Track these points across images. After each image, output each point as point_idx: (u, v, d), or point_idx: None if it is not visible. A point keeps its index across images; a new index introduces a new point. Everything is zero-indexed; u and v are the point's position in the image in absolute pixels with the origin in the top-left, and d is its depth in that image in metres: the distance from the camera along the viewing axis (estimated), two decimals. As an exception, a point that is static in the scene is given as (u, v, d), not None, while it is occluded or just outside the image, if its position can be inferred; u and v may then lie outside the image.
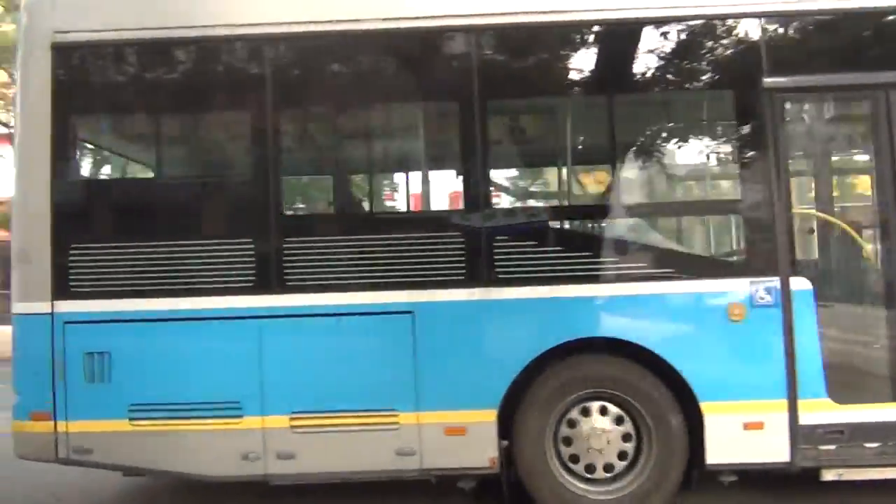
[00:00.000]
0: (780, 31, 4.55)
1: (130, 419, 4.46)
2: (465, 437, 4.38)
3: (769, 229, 4.39)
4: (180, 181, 5.32)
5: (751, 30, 4.50)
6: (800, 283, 4.34)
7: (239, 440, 4.43)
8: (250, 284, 4.50)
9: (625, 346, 4.38)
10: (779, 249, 4.37)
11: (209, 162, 5.46)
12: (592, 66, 4.75)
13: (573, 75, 4.86)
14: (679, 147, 5.57)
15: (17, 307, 4.58)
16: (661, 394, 4.39)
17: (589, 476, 4.46)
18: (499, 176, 5.88)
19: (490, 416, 4.37)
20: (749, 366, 4.38)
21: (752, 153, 4.53)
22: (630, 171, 5.02)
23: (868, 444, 4.29)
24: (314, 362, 4.47)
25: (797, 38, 4.58)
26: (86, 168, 5.47)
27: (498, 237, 4.45)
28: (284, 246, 4.50)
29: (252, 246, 4.52)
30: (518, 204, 5.87)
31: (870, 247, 4.81)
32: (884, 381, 4.41)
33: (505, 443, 4.41)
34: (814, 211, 5.30)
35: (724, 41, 4.58)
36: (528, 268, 4.42)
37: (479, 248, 4.44)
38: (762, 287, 4.34)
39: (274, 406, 4.43)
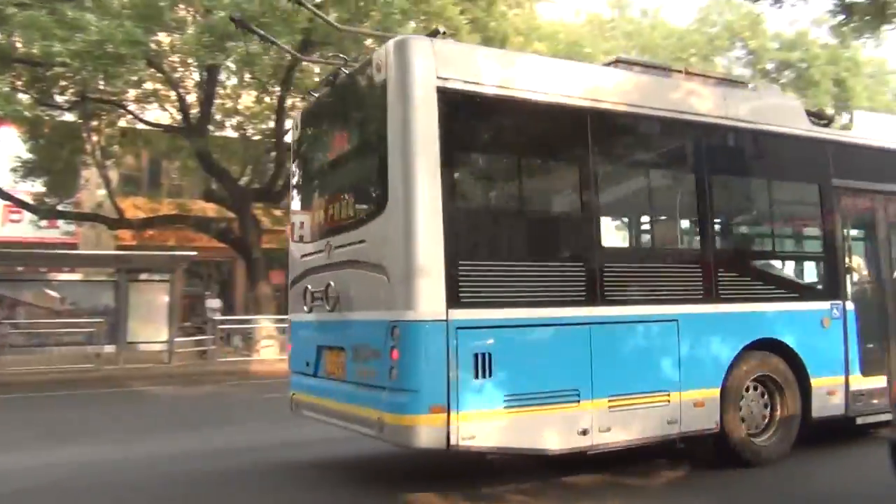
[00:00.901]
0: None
1: (506, 407, 5.43)
2: (704, 408, 6.33)
3: (837, 271, 7.28)
4: (539, 216, 6.28)
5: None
6: (850, 305, 7.26)
7: (577, 419, 5.72)
8: (582, 298, 5.86)
9: (777, 344, 6.78)
10: (840, 283, 7.26)
11: (559, 201, 6.78)
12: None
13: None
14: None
15: (414, 314, 5.21)
16: (789, 375, 6.88)
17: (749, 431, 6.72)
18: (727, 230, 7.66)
19: (716, 392, 6.40)
20: (831, 356, 7.14)
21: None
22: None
23: (873, 401, 7.34)
24: (622, 358, 5.99)
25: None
26: (469, 198, 5.99)
27: (720, 271, 6.57)
28: (604, 270, 5.98)
29: (583, 269, 5.90)
30: (733, 251, 7.37)
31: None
32: (881, 363, 7.52)
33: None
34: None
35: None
36: (738, 291, 6.62)
37: (711, 277, 6.50)
38: (835, 307, 7.17)
39: (599, 392, 5.82)
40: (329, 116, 7.02)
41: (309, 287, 6.48)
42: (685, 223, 7.17)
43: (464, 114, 5.67)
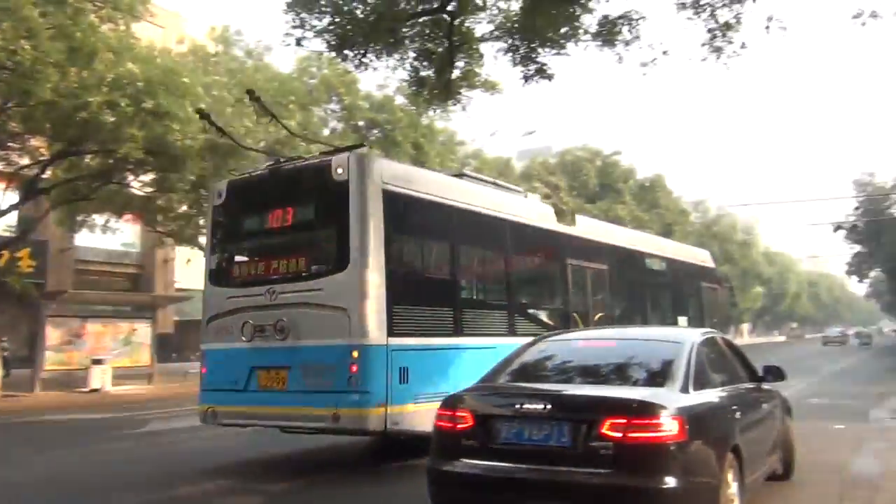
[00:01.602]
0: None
1: (416, 403, 8.18)
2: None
3: (568, 315, 11.34)
4: (436, 278, 9.33)
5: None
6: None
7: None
8: (452, 331, 8.93)
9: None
10: (571, 323, 11.29)
11: (443, 269, 9.57)
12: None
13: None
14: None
15: (369, 341, 7.80)
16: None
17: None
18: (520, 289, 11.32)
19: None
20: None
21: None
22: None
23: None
24: (475, 368, 9.10)
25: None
26: (400, 264, 8.70)
27: (517, 317, 10.17)
28: (463, 314, 9.14)
29: (454, 313, 9.05)
30: (521, 303, 11.17)
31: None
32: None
33: None
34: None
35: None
36: (528, 328, 10.16)
37: (512, 320, 10.01)
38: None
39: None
40: (269, 193, 8.97)
41: (250, 321, 8.53)
42: (504, 285, 10.66)
43: (398, 208, 8.54)
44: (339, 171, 8.23)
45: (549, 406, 5.17)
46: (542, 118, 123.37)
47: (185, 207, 23.50)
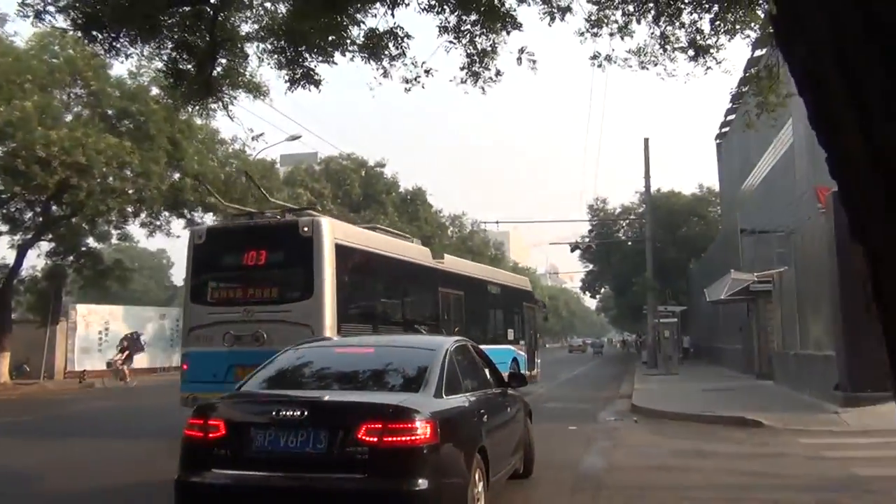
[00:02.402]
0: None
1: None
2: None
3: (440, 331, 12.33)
4: (368, 304, 13.46)
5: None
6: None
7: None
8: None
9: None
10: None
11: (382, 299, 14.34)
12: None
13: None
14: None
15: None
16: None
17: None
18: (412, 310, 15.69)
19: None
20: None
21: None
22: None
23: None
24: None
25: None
26: (345, 295, 11.94)
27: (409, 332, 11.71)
28: (378, 328, 10.98)
29: (376, 330, 11.76)
30: (415, 321, 15.13)
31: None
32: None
33: None
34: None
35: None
36: None
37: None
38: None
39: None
40: (245, 239, 12.23)
41: (231, 332, 11.43)
42: (401, 307, 14.95)
43: (343, 255, 11.90)
44: (306, 229, 11.60)
45: (305, 413, 5.11)
46: (311, 124, 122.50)
47: None
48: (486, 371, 7.49)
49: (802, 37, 0.90)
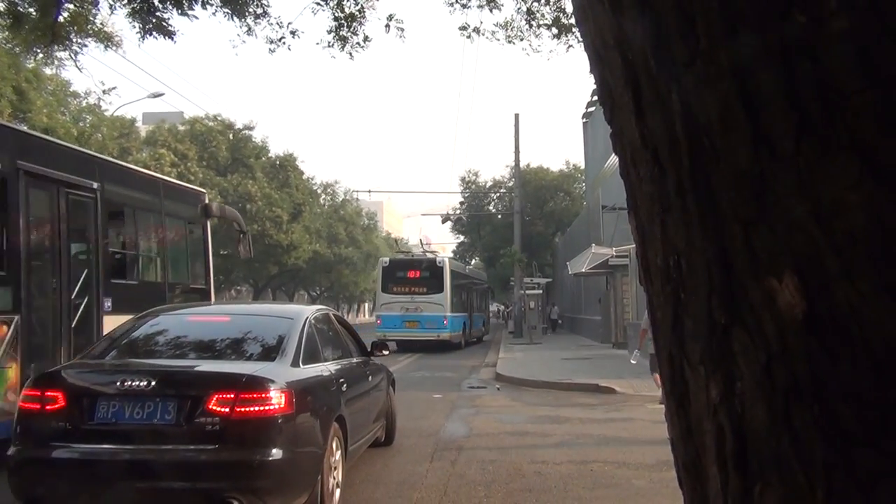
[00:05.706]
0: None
1: None
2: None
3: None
4: None
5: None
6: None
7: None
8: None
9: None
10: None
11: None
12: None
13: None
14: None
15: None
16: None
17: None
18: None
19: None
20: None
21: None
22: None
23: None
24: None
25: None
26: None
27: None
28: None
29: None
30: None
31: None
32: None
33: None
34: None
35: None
36: None
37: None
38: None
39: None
40: (410, 265, 27.97)
41: (405, 307, 26.20)
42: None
43: (454, 276, 28.39)
44: (439, 262, 27.51)
45: (153, 383, 4.88)
46: (177, 84, 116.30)
47: None
48: (349, 340, 7.46)
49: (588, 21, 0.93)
